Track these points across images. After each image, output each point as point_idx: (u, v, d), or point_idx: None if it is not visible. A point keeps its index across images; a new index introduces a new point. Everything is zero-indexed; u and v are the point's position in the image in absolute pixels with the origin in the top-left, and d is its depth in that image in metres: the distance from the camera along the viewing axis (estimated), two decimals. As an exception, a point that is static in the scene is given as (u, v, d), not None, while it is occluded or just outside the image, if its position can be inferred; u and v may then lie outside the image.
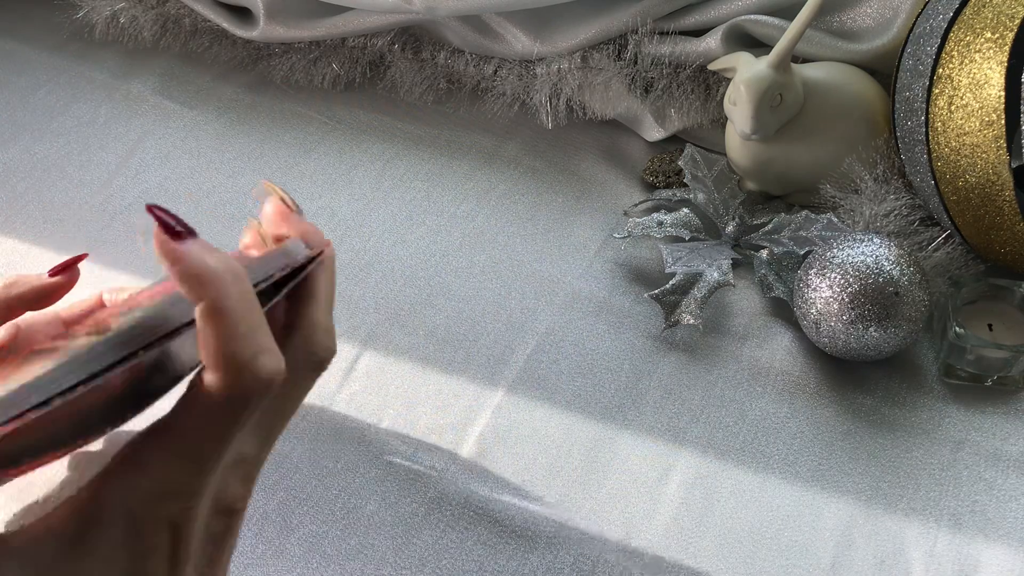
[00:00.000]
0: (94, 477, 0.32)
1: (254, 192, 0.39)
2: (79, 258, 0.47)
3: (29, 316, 0.46)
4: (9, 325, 0.46)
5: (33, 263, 0.62)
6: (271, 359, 0.31)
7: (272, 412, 0.35)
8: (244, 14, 0.74)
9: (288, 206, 0.38)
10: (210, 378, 0.31)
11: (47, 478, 0.50)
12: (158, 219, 0.31)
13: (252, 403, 0.31)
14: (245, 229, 0.39)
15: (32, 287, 0.45)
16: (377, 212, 0.66)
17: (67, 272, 0.46)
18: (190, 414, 0.31)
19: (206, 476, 0.32)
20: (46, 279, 0.45)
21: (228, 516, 0.34)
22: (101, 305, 0.47)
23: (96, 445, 0.51)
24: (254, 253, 0.38)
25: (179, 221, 0.32)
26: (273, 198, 0.39)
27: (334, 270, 0.38)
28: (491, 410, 0.55)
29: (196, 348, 0.32)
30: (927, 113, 0.56)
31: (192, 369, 0.34)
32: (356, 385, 0.56)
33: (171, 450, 0.31)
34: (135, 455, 0.31)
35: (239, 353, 0.31)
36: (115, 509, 0.31)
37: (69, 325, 0.46)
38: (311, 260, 0.36)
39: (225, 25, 0.73)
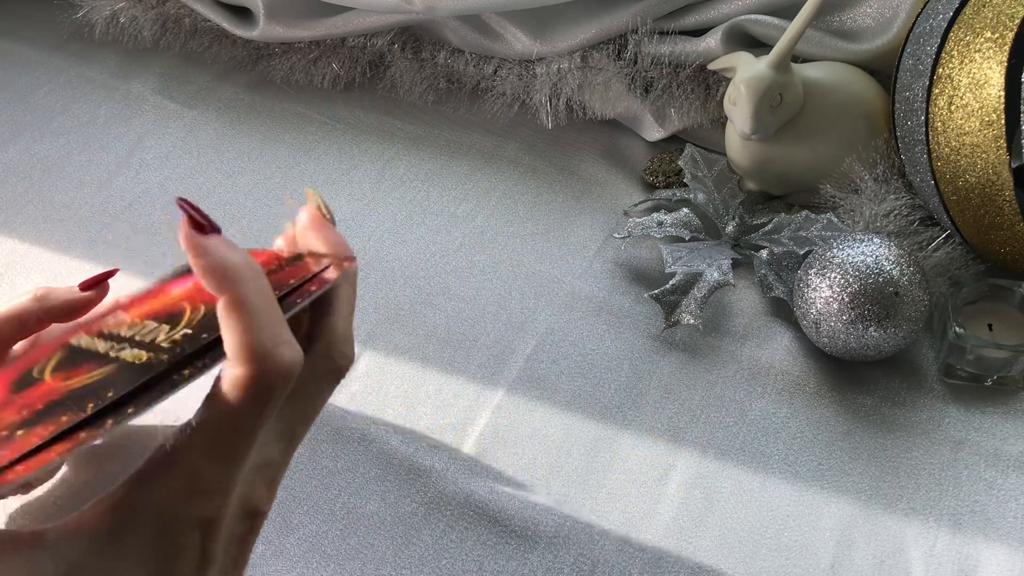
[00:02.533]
0: (127, 478, 0.32)
1: (288, 201, 0.39)
2: (110, 273, 0.47)
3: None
4: (31, 337, 0.46)
5: (33, 263, 0.62)
6: (290, 349, 0.32)
7: (294, 417, 0.35)
8: (244, 14, 0.74)
9: (323, 215, 0.39)
10: (232, 372, 0.32)
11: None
12: (186, 213, 0.33)
13: (274, 394, 0.32)
14: (278, 236, 0.40)
15: (63, 301, 0.44)
16: (377, 212, 0.66)
17: (98, 287, 0.46)
18: (216, 412, 0.32)
19: (233, 474, 0.32)
20: (76, 293, 0.45)
21: (253, 518, 0.35)
22: (116, 307, 0.48)
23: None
24: (284, 252, 0.38)
25: (205, 217, 0.33)
26: (311, 205, 0.39)
27: (356, 283, 0.39)
28: (491, 410, 0.55)
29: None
30: (927, 113, 0.56)
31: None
32: (356, 385, 0.56)
33: (199, 449, 0.32)
34: (165, 457, 0.32)
35: (260, 344, 0.31)
36: (146, 509, 0.32)
37: (92, 321, 0.46)
38: (322, 274, 0.37)
39: (225, 25, 0.73)
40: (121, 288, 0.51)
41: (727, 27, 0.65)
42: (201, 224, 0.33)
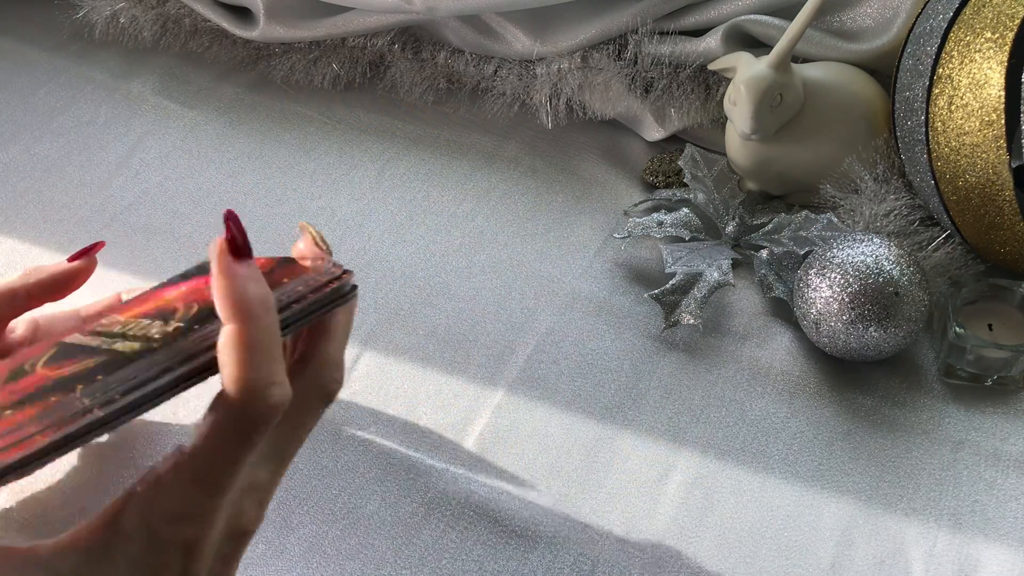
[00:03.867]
0: (120, 496, 0.34)
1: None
2: (97, 245, 0.47)
3: (48, 312, 0.47)
4: (29, 320, 0.47)
5: (33, 263, 0.62)
6: (280, 391, 0.34)
7: (284, 439, 0.37)
8: (244, 14, 0.74)
9: (319, 247, 0.40)
10: (224, 401, 0.33)
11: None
12: (228, 232, 0.34)
13: (260, 428, 0.33)
14: (298, 241, 0.41)
15: (50, 274, 0.45)
16: (377, 212, 0.66)
17: (86, 257, 0.46)
18: (205, 439, 0.33)
19: (219, 499, 0.34)
20: (64, 265, 0.46)
21: (240, 538, 0.36)
22: (119, 302, 0.48)
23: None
24: (306, 263, 0.39)
25: (245, 240, 0.34)
26: (306, 237, 0.40)
27: (353, 311, 0.40)
28: (491, 410, 0.55)
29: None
30: (927, 113, 0.56)
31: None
32: (356, 385, 0.56)
33: (186, 476, 0.33)
34: (156, 479, 0.33)
35: (253, 381, 0.33)
36: (136, 527, 0.33)
37: (88, 321, 0.47)
38: (338, 294, 0.37)
39: (225, 25, 0.73)
40: (121, 288, 0.51)
41: (727, 27, 0.65)
42: (239, 247, 0.34)
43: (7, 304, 0.45)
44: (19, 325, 0.47)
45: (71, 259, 0.46)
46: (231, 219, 0.35)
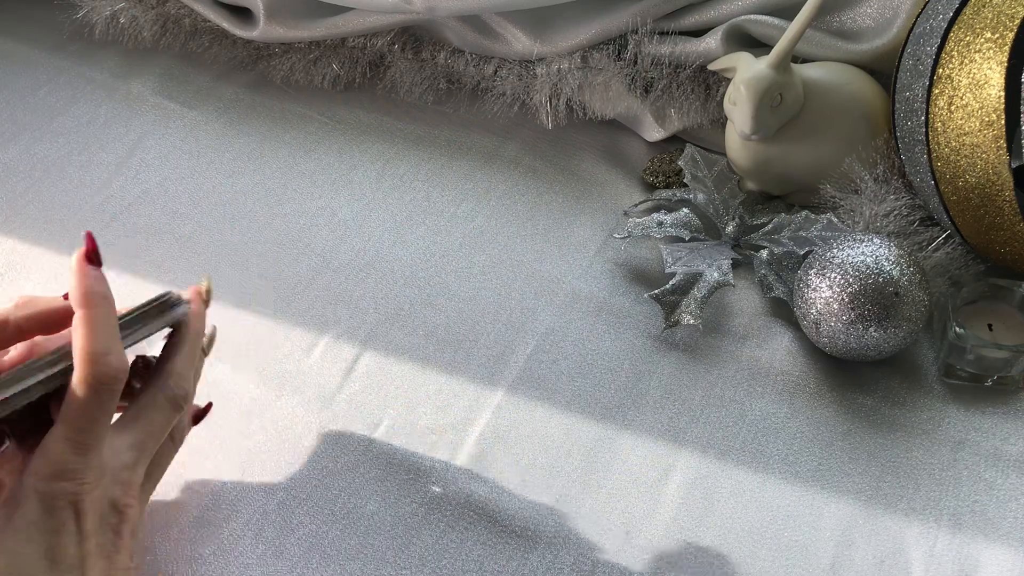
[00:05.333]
0: (14, 464, 0.42)
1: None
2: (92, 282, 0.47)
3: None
4: (28, 343, 0.46)
5: (33, 263, 0.62)
6: (116, 358, 0.41)
7: (141, 431, 0.43)
8: (244, 14, 0.74)
9: (201, 297, 0.48)
10: (77, 372, 0.40)
11: None
12: (87, 245, 0.43)
13: (105, 389, 0.40)
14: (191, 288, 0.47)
15: (43, 310, 0.45)
16: (377, 212, 0.66)
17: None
18: (68, 405, 0.40)
19: (87, 458, 0.40)
20: (58, 302, 0.45)
21: (119, 512, 0.41)
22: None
23: None
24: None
25: (96, 252, 0.43)
26: (199, 287, 0.48)
27: (200, 332, 0.47)
28: (491, 410, 0.55)
29: None
30: (927, 113, 0.56)
31: None
32: (356, 385, 0.56)
33: (58, 436, 0.40)
34: (40, 446, 0.40)
35: (95, 350, 0.40)
36: (29, 491, 0.39)
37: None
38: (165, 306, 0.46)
39: (225, 25, 0.73)
40: (120, 288, 0.51)
41: (727, 27, 0.65)
42: (92, 257, 0.42)
43: None
44: (19, 345, 0.46)
45: (67, 297, 0.45)
46: (89, 236, 0.43)
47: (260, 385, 0.56)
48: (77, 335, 0.41)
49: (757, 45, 0.66)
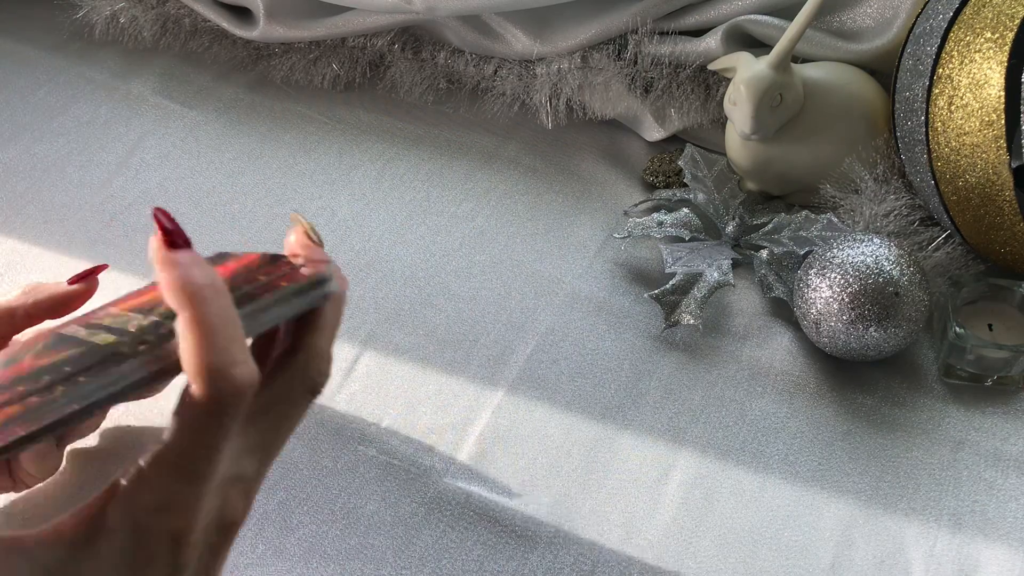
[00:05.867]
0: (103, 490, 0.34)
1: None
2: (99, 268, 0.47)
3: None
4: (32, 329, 0.46)
5: (33, 263, 0.62)
6: (245, 369, 0.33)
7: (269, 430, 0.36)
8: (244, 14, 0.74)
9: (311, 239, 0.39)
10: (191, 389, 0.33)
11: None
12: (159, 225, 0.34)
13: (230, 411, 0.33)
14: (290, 230, 0.40)
15: (50, 295, 0.45)
16: (377, 212, 0.66)
17: (86, 281, 0.46)
18: (180, 429, 0.33)
19: (200, 488, 0.33)
20: (64, 287, 0.46)
21: (227, 529, 0.35)
22: (111, 303, 0.48)
23: (91, 440, 0.51)
24: (298, 260, 0.39)
25: (178, 230, 0.34)
26: (298, 228, 0.40)
27: (342, 305, 0.39)
28: (491, 410, 0.55)
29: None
30: (927, 113, 0.56)
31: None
32: (356, 385, 0.56)
33: (167, 466, 0.33)
34: (139, 472, 0.33)
35: (215, 364, 0.32)
36: (121, 520, 0.33)
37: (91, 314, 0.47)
38: (315, 283, 0.37)
39: (225, 25, 0.73)
40: (120, 288, 0.51)
41: (727, 27, 0.65)
42: (172, 238, 0.34)
43: (6, 322, 0.45)
44: (28, 331, 0.47)
45: (71, 281, 0.46)
46: (160, 213, 0.34)
47: (260, 385, 0.56)
48: (186, 343, 0.33)
49: (757, 45, 0.66)
